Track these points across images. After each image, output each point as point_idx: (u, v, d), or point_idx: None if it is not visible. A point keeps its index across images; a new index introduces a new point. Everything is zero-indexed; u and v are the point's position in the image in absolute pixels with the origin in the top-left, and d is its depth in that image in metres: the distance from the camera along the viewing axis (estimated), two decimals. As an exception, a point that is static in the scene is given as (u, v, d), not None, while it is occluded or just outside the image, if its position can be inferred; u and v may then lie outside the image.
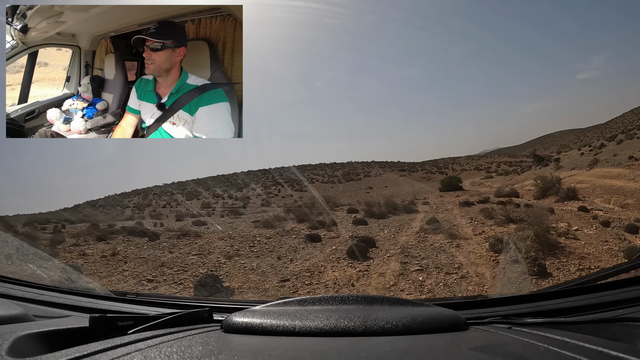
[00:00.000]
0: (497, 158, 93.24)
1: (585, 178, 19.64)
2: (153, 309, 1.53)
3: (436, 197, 21.67)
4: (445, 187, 28.46)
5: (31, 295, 1.62)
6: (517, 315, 1.15)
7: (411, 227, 10.99)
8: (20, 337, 0.92)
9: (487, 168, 62.29)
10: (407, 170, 67.47)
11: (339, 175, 61.93)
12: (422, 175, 59.24)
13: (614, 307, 1.15)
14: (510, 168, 53.15)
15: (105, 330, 1.02)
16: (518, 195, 19.05)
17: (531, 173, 32.14)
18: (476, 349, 0.81)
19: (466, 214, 12.78)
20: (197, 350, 0.81)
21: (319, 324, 0.96)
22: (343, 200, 24.19)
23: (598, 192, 15.61)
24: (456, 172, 59.40)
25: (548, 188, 17.36)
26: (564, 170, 25.21)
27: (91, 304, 1.58)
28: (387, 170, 69.55)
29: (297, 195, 35.36)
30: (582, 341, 0.78)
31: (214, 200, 38.89)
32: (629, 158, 21.55)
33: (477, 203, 15.65)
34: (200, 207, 30.48)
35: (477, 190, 27.47)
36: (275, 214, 16.24)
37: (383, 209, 14.51)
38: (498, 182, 34.95)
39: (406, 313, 1.01)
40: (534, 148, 62.19)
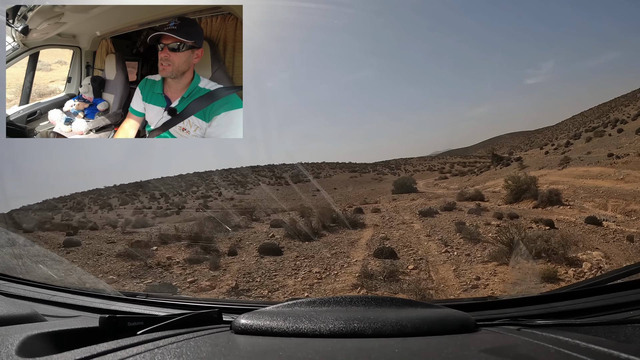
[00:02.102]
0: (450, 159, 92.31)
1: (559, 178, 17.56)
2: (163, 309, 1.52)
3: (389, 201, 19.12)
4: (399, 189, 27.27)
5: (42, 296, 1.66)
6: (527, 316, 1.15)
7: (347, 268, 6.66)
8: (30, 337, 0.92)
9: (441, 169, 60.35)
10: (358, 172, 64.15)
11: (287, 176, 58.39)
12: (374, 176, 56.13)
13: (625, 308, 1.13)
14: (465, 168, 52.62)
15: (115, 330, 1.01)
16: (484, 199, 16.49)
17: (491, 173, 29.89)
18: (486, 350, 0.80)
19: (433, 231, 8.87)
20: (207, 351, 0.82)
21: (328, 325, 0.95)
22: (281, 205, 21.15)
23: (582, 194, 13.28)
24: (409, 172, 57.26)
25: (523, 190, 14.52)
26: (531, 169, 22.71)
27: (101, 304, 1.59)
28: (337, 172, 66.25)
29: (238, 199, 34.57)
30: (593, 343, 0.77)
31: (148, 205, 36.28)
32: (609, 156, 19.33)
33: (442, 211, 11.96)
34: (132, 212, 27.32)
35: (434, 192, 25.25)
36: (167, 230, 11.55)
37: (318, 223, 10.24)
38: (455, 183, 32.31)
39: (416, 314, 1.00)
40: (493, 147, 62.53)
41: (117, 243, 10.36)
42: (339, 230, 10.10)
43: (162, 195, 43.11)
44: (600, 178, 15.07)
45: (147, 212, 26.68)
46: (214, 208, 26.09)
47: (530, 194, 14.10)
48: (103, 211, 30.90)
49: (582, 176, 16.41)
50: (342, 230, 10.02)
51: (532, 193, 14.09)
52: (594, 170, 16.91)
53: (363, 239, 8.90)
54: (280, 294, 5.69)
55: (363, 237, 9.13)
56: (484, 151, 46.81)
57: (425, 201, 16.88)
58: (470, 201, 16.19)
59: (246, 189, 45.98)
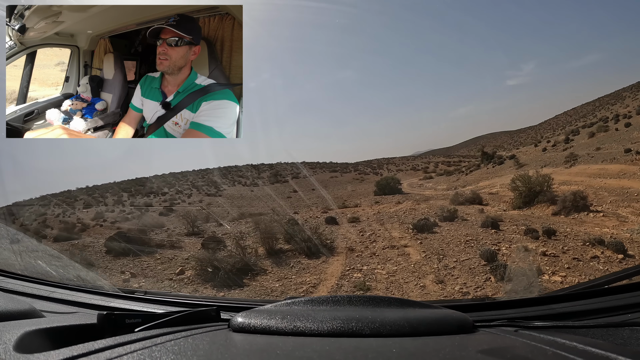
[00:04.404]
0: (433, 158, 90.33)
1: (570, 178, 15.24)
2: (161, 307, 1.50)
3: (370, 205, 16.71)
4: (382, 190, 24.77)
5: (40, 292, 1.63)
6: (525, 318, 1.13)
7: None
8: (28, 333, 0.91)
9: (425, 168, 58.42)
10: (339, 172, 61.23)
11: (265, 177, 56.11)
12: (355, 176, 53.18)
13: (622, 311, 1.12)
14: (450, 168, 50.34)
15: (113, 327, 0.99)
16: (482, 202, 14.22)
17: (483, 172, 27.39)
18: (483, 351, 0.79)
19: (443, 265, 5.84)
20: (204, 348, 0.80)
21: (325, 324, 0.93)
22: (245, 210, 19.62)
23: (609, 197, 10.67)
24: (392, 172, 54.33)
25: (536, 193, 11.49)
26: (529, 168, 20.00)
27: (99, 301, 1.57)
28: (317, 172, 63.15)
29: (206, 202, 32.91)
30: (590, 345, 0.76)
31: (111, 209, 33.13)
32: (626, 152, 17.00)
33: (442, 222, 9.04)
34: (92, 217, 24.93)
35: (421, 194, 22.59)
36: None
37: (268, 244, 7.07)
38: (442, 183, 29.67)
39: (414, 315, 0.99)
40: (483, 145, 60.93)
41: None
42: (292, 258, 6.95)
43: (130, 197, 41.26)
44: (624, 177, 12.54)
45: (107, 217, 24.61)
46: (174, 212, 23.98)
47: (546, 198, 11.26)
48: (65, 216, 27.38)
49: (599, 175, 13.92)
50: (296, 260, 6.84)
51: (548, 196, 11.26)
52: (611, 168, 14.52)
53: (324, 284, 5.72)
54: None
55: (326, 278, 5.94)
56: (467, 150, 45.16)
57: (413, 205, 14.09)
58: (468, 205, 13.41)
59: (219, 190, 43.85)
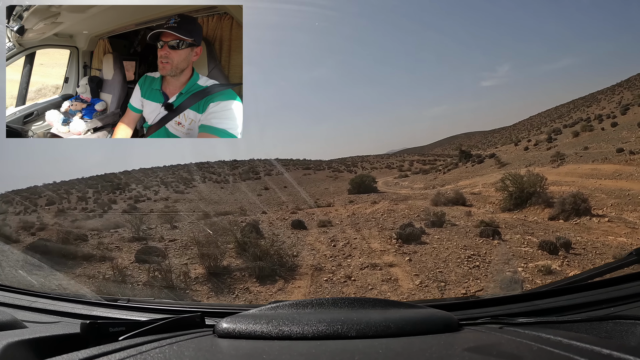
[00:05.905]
0: (408, 157, 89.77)
1: (559, 178, 14.31)
2: (145, 314, 1.49)
3: (344, 205, 15.81)
4: (356, 189, 24.28)
5: (22, 302, 1.60)
6: (510, 315, 1.13)
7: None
8: (10, 344, 0.89)
9: (400, 166, 57.39)
10: (312, 169, 59.72)
11: (237, 173, 54.43)
12: (329, 173, 51.94)
13: (605, 305, 1.13)
14: (426, 166, 49.80)
15: (97, 336, 0.98)
16: (465, 203, 13.31)
17: (461, 171, 26.50)
18: (469, 349, 0.79)
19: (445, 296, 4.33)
20: (190, 355, 0.80)
21: (311, 327, 0.93)
22: (212, 209, 18.60)
23: (609, 199, 9.88)
24: (366, 170, 53.47)
25: (529, 194, 11.09)
26: (512, 167, 19.08)
27: (82, 310, 1.55)
28: (290, 169, 61.43)
29: (173, 199, 31.90)
30: (574, 340, 0.77)
31: (74, 206, 32.60)
32: (618, 151, 16.56)
33: (430, 228, 7.58)
34: (54, 213, 24.43)
35: (397, 193, 21.38)
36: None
37: (212, 261, 5.39)
38: (419, 182, 28.52)
39: (399, 315, 0.98)
40: (460, 144, 60.67)
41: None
42: (239, 283, 5.35)
43: (95, 194, 40.46)
44: (621, 178, 11.76)
45: (68, 215, 24.19)
46: (140, 210, 23.92)
47: (541, 200, 10.07)
48: (25, 214, 25.34)
49: (592, 175, 13.19)
50: (243, 287, 5.25)
51: (543, 198, 10.05)
52: (604, 168, 13.88)
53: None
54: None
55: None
56: (441, 149, 44.76)
57: (390, 205, 12.80)
58: (452, 206, 12.30)
59: (187, 187, 42.73)
